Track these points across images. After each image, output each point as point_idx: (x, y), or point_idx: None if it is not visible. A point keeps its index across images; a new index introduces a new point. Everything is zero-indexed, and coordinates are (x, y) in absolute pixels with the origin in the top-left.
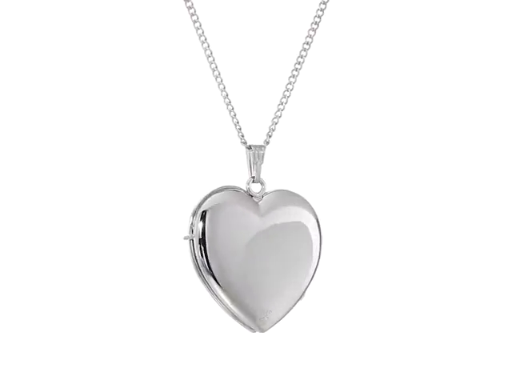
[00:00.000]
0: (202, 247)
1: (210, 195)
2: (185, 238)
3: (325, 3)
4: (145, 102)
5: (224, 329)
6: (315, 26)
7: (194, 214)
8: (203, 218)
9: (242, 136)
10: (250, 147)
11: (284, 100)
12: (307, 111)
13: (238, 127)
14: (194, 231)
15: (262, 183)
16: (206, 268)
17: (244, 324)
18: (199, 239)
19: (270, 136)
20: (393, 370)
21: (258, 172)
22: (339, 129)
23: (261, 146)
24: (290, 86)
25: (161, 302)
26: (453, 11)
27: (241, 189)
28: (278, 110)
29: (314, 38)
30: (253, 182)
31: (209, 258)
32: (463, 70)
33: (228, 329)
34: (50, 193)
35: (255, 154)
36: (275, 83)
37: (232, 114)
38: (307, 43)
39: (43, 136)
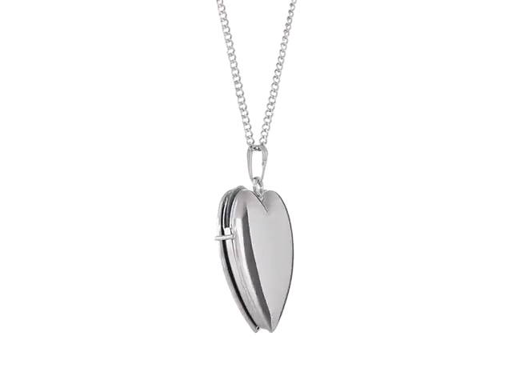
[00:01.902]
0: (240, 249)
1: (234, 196)
2: (216, 239)
3: (293, 4)
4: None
5: (226, 328)
6: (288, 27)
7: (224, 214)
8: (237, 219)
9: (251, 135)
10: (257, 148)
11: (272, 100)
12: (294, 110)
13: (246, 127)
14: (227, 232)
15: (260, 183)
16: (243, 269)
17: (255, 325)
18: (232, 240)
19: (265, 136)
20: (392, 369)
21: (263, 173)
22: (329, 128)
23: (264, 147)
24: (275, 87)
25: (168, 302)
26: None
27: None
28: (269, 110)
29: (288, 38)
30: (257, 182)
31: (246, 260)
32: (451, 65)
33: (230, 328)
34: (60, 198)
35: (263, 154)
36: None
37: (244, 113)
38: (283, 43)
39: (61, 138)
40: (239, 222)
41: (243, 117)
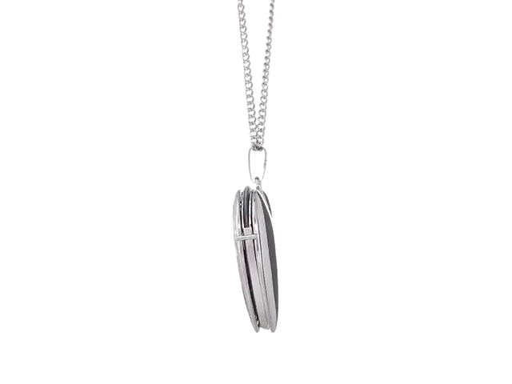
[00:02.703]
0: (261, 248)
1: (248, 196)
2: (237, 239)
3: (272, 4)
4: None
5: (226, 329)
6: (271, 27)
7: (243, 214)
8: (258, 219)
9: (256, 135)
10: (261, 148)
11: (264, 100)
12: (291, 111)
13: (251, 127)
14: (247, 232)
15: (260, 183)
16: (260, 268)
17: (259, 325)
18: (253, 240)
19: (262, 136)
20: (392, 368)
21: (264, 173)
22: (326, 127)
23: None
24: (265, 87)
25: (170, 302)
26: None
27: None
28: (262, 110)
29: (271, 37)
30: (259, 182)
31: (263, 259)
32: (443, 61)
33: (230, 328)
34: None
35: (265, 154)
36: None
37: (251, 112)
38: (268, 44)
39: (71, 137)
40: (260, 221)
41: (250, 116)
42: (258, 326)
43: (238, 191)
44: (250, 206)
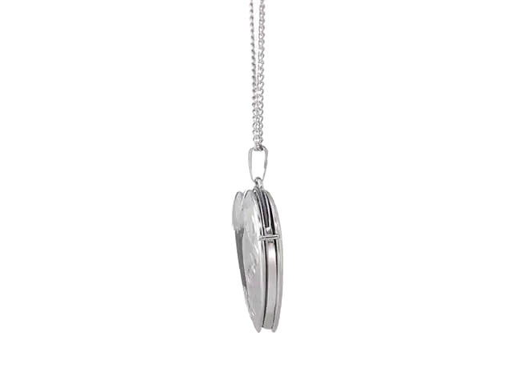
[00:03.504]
0: (281, 247)
1: (264, 196)
2: (261, 239)
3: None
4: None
5: (227, 329)
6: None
7: (263, 214)
8: (279, 218)
9: (261, 134)
10: (261, 148)
11: (257, 99)
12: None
13: (256, 126)
14: (267, 232)
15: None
16: (280, 266)
17: (264, 325)
18: (274, 240)
19: (260, 135)
20: (392, 368)
21: (264, 173)
22: (322, 127)
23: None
24: (260, 85)
25: (172, 303)
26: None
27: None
28: (256, 110)
29: (263, 37)
30: (261, 182)
31: (283, 258)
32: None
33: (231, 329)
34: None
35: (266, 154)
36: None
37: (256, 112)
38: (260, 40)
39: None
40: (276, 222)
41: (257, 116)
42: (261, 326)
43: (250, 191)
44: (270, 206)
